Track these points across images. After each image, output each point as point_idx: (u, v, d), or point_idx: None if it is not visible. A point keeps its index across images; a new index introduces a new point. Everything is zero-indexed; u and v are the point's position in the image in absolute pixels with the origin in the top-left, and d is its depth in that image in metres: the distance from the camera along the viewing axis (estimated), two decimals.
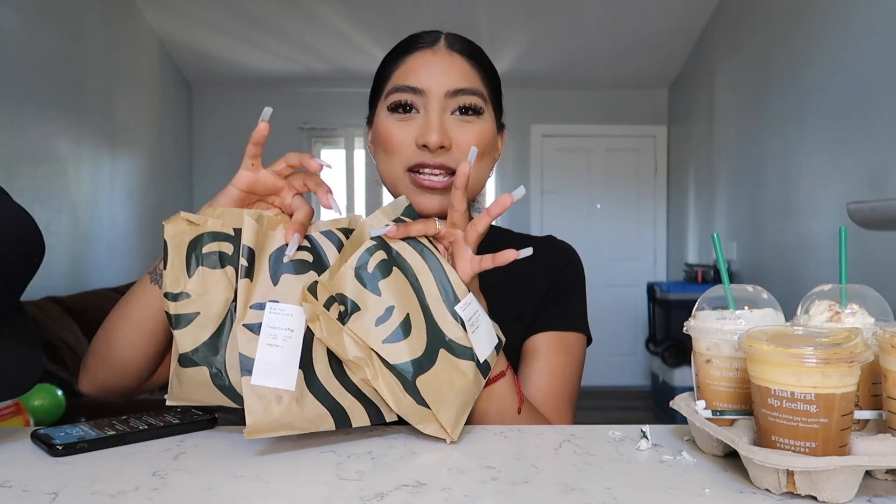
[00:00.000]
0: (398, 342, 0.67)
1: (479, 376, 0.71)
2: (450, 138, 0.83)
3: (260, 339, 0.63)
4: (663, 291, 4.06)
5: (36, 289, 2.92)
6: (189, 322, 0.66)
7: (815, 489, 0.52)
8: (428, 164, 0.82)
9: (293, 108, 5.09)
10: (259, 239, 0.68)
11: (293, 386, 0.63)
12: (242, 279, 0.65)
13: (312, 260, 0.71)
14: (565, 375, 0.89)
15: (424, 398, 0.66)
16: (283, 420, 0.62)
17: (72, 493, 0.54)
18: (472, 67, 0.86)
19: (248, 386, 0.61)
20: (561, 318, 0.91)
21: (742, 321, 0.63)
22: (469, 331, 0.71)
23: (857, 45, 2.53)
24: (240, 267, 0.66)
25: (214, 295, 0.67)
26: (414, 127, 0.84)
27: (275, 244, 0.69)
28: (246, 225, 0.67)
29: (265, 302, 0.65)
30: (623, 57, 4.64)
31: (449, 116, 0.84)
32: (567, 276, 0.95)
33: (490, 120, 0.88)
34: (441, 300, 0.72)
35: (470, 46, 0.89)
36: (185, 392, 0.66)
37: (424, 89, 0.83)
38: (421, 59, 0.85)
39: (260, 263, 0.67)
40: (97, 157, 3.68)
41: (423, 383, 0.67)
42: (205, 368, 0.65)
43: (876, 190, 2.37)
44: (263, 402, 0.61)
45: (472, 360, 0.70)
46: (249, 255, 0.66)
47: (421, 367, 0.67)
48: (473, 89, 0.85)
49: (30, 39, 3.01)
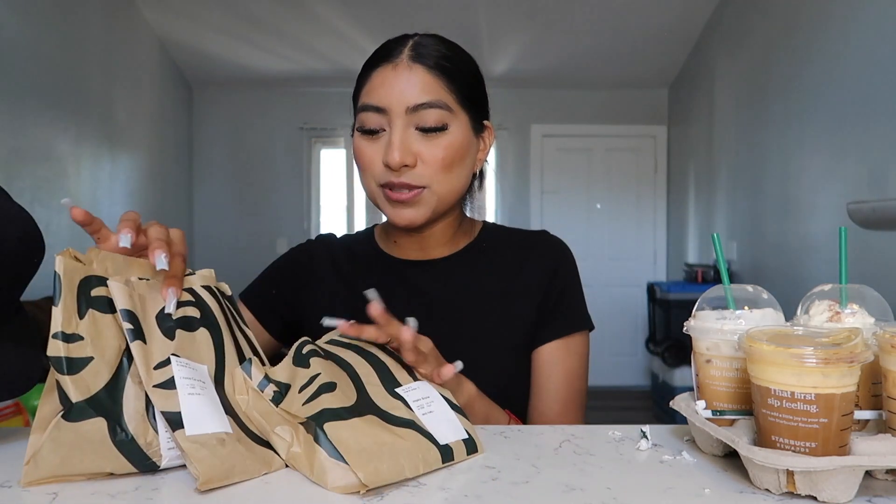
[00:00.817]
0: (318, 398, 0.62)
1: (428, 449, 0.61)
2: (413, 155, 0.84)
3: (179, 391, 0.58)
4: (663, 291, 4.06)
5: (36, 289, 2.91)
6: (83, 367, 0.58)
7: (815, 489, 0.52)
8: (394, 183, 0.85)
9: (293, 108, 5.09)
10: (135, 301, 0.61)
11: (229, 428, 0.59)
12: (134, 342, 0.59)
13: (200, 315, 0.66)
14: (577, 377, 0.93)
15: (334, 444, 0.57)
16: (234, 462, 0.57)
17: (72, 493, 0.54)
18: (436, 77, 0.85)
19: (185, 439, 0.55)
20: (566, 324, 0.93)
21: (742, 321, 0.63)
22: (419, 413, 0.65)
23: (857, 45, 2.53)
24: (126, 332, 0.59)
25: (108, 339, 0.60)
26: (381, 145, 0.86)
27: (157, 304, 0.63)
28: (114, 291, 0.60)
29: (168, 357, 0.60)
30: (623, 57, 4.64)
31: (413, 132, 0.84)
32: (564, 275, 0.95)
33: (459, 128, 0.87)
34: (380, 385, 0.67)
35: (436, 51, 0.87)
36: (61, 461, 0.56)
37: (385, 107, 0.84)
38: (382, 76, 0.86)
39: (148, 325, 0.61)
40: (97, 157, 3.68)
41: (334, 429, 0.58)
42: (102, 420, 0.57)
43: (876, 190, 2.37)
44: (207, 448, 0.56)
45: (414, 430, 0.62)
46: (131, 317, 0.60)
47: (336, 415, 0.60)
48: (434, 102, 0.84)
49: (30, 39, 3.01)
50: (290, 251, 1.05)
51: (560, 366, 0.92)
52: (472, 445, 0.64)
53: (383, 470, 0.56)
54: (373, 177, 0.87)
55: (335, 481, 0.55)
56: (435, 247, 0.96)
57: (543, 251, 0.96)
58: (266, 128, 5.09)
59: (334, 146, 5.25)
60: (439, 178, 0.86)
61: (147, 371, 0.58)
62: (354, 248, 1.02)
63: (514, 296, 0.93)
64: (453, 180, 0.87)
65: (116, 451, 0.57)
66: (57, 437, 0.56)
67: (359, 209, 5.12)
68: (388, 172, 0.85)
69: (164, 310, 0.63)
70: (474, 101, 0.89)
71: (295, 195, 5.15)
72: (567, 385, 0.91)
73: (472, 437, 0.65)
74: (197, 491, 0.54)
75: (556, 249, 0.97)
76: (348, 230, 5.09)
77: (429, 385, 0.69)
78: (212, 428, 0.58)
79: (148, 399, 0.59)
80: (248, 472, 0.58)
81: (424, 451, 0.60)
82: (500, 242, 0.98)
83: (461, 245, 0.97)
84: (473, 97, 0.89)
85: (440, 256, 0.96)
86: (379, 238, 1.01)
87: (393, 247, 0.98)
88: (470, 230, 0.99)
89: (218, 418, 0.59)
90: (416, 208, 0.86)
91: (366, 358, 0.70)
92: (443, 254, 0.96)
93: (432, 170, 0.85)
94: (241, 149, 5.12)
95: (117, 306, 0.60)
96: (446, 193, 0.87)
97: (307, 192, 5.17)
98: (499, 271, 0.95)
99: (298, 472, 0.59)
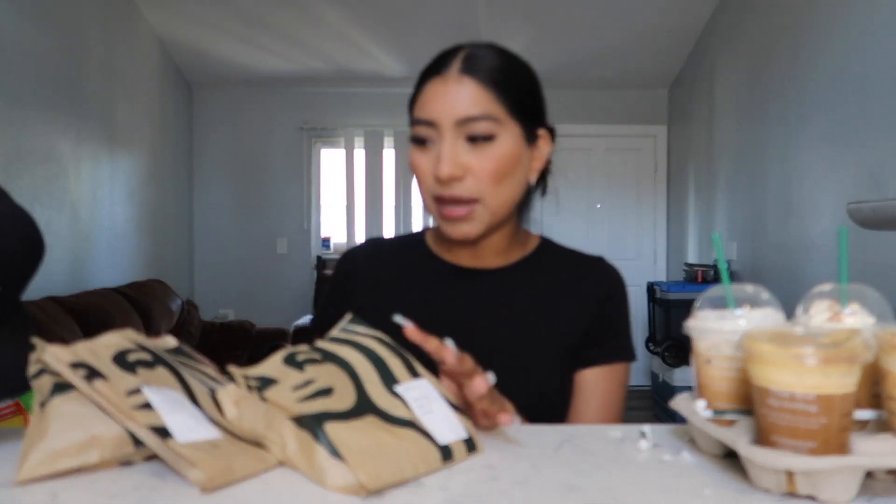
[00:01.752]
0: (315, 400, 0.61)
1: (428, 449, 0.60)
2: (462, 167, 0.84)
3: (160, 411, 0.57)
4: (663, 291, 4.06)
5: (36, 289, 2.91)
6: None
7: (815, 489, 0.52)
8: (444, 197, 0.85)
9: (293, 108, 5.09)
10: (82, 356, 0.59)
11: (219, 435, 0.58)
12: (94, 382, 0.56)
13: (153, 359, 0.63)
14: (615, 405, 0.94)
15: (334, 445, 0.56)
16: (233, 460, 0.56)
17: (72, 493, 0.54)
18: (486, 89, 0.85)
19: (178, 446, 0.54)
20: (612, 353, 0.95)
21: (742, 321, 0.63)
22: (418, 412, 0.64)
23: (858, 45, 2.53)
24: (81, 380, 0.57)
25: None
26: (432, 157, 0.86)
27: (109, 351, 0.61)
28: (54, 357, 0.58)
29: (138, 387, 0.58)
30: (623, 57, 4.64)
31: (463, 144, 0.85)
32: (617, 303, 0.96)
33: (510, 139, 0.86)
34: (380, 383, 0.66)
35: (488, 62, 0.86)
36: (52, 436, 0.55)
37: (435, 121, 0.85)
38: (433, 90, 0.86)
39: (105, 367, 0.59)
40: (97, 157, 3.68)
41: (334, 430, 0.57)
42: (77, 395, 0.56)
43: (876, 190, 2.37)
44: (202, 450, 0.55)
45: (414, 431, 0.62)
46: (82, 366, 0.57)
47: (335, 417, 0.59)
48: (483, 115, 0.84)
49: (30, 39, 3.01)
50: (338, 264, 1.05)
51: (599, 392, 0.93)
52: (472, 445, 0.64)
53: (383, 472, 0.55)
54: (427, 189, 0.88)
55: (335, 481, 0.55)
56: (489, 256, 0.95)
57: (599, 277, 0.97)
58: (266, 128, 5.09)
59: (334, 146, 5.25)
60: (490, 191, 0.85)
61: (120, 398, 0.56)
62: (405, 252, 1.01)
63: (563, 314, 0.94)
64: (504, 192, 0.87)
65: (99, 411, 0.56)
66: (40, 418, 0.56)
67: (359, 209, 5.12)
68: (438, 185, 0.85)
69: (120, 353, 0.61)
70: (526, 111, 0.89)
71: (295, 195, 5.15)
72: (604, 411, 0.92)
73: (471, 437, 0.65)
74: (205, 491, 0.54)
75: (611, 277, 0.98)
76: (348, 230, 5.11)
77: (428, 384, 0.69)
78: (202, 436, 0.57)
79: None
80: (247, 468, 0.57)
81: (424, 451, 0.60)
82: (556, 261, 0.99)
83: (515, 257, 0.97)
84: (525, 107, 0.89)
85: (494, 267, 0.96)
86: (431, 241, 1.01)
87: (446, 252, 0.98)
88: (525, 243, 0.99)
89: (205, 429, 0.58)
90: (470, 224, 0.87)
91: (365, 355, 0.70)
92: (497, 264, 0.96)
93: (483, 182, 0.85)
94: (241, 149, 5.12)
95: (65, 362, 0.57)
96: (499, 206, 0.87)
97: (307, 192, 5.17)
98: (550, 289, 0.95)
99: (297, 471, 0.59)
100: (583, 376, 0.93)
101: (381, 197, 5.11)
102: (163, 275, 4.30)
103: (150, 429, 0.55)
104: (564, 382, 0.93)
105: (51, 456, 0.54)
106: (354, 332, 0.74)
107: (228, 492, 0.55)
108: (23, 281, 0.67)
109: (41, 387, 0.58)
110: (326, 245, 5.33)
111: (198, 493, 0.54)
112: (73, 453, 0.55)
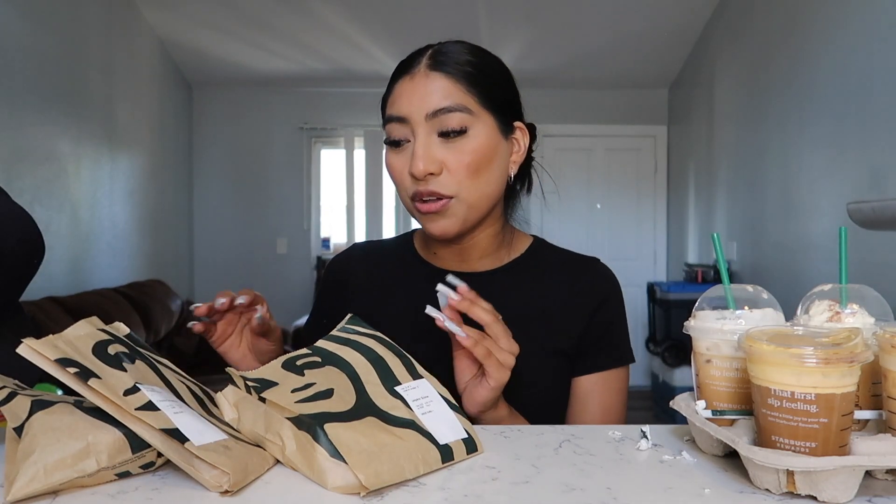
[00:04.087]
0: (314, 402, 0.61)
1: (428, 449, 0.61)
2: (437, 163, 0.83)
3: (166, 411, 0.56)
4: (663, 291, 4.06)
5: (36, 289, 2.91)
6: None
7: (815, 489, 0.52)
8: (421, 192, 0.84)
9: (293, 108, 5.09)
10: (63, 349, 0.57)
11: (225, 436, 0.58)
12: (89, 381, 0.55)
13: (130, 351, 0.63)
14: (614, 412, 0.92)
15: (334, 444, 0.56)
16: (247, 460, 0.56)
17: (72, 493, 0.54)
18: (455, 82, 0.84)
19: (197, 449, 0.54)
20: (610, 358, 0.93)
21: (742, 321, 0.63)
22: (419, 412, 0.65)
23: (857, 45, 2.53)
24: (73, 377, 0.56)
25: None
26: (406, 156, 0.85)
27: (87, 344, 0.60)
28: (37, 351, 0.56)
29: (134, 385, 0.57)
30: (623, 57, 4.64)
31: (436, 139, 0.84)
32: (612, 306, 0.94)
33: (483, 131, 0.85)
34: (380, 384, 0.67)
35: (456, 56, 0.86)
36: (40, 451, 0.52)
37: (406, 116, 0.84)
38: (401, 88, 0.86)
39: (91, 363, 0.58)
40: (97, 157, 3.68)
41: (334, 430, 0.58)
42: (65, 403, 0.56)
43: (876, 190, 2.37)
44: (218, 452, 0.55)
45: (414, 431, 0.62)
46: (70, 363, 0.56)
47: (335, 418, 0.59)
48: (454, 106, 0.83)
49: (30, 39, 3.01)
50: (326, 272, 1.05)
51: (597, 399, 0.91)
52: (472, 445, 0.64)
53: (383, 472, 0.55)
54: (404, 190, 0.87)
55: (335, 481, 0.55)
56: (476, 258, 0.94)
57: (593, 279, 0.95)
58: (266, 128, 5.09)
59: (334, 146, 5.25)
60: (467, 185, 0.84)
61: (119, 398, 0.55)
62: (392, 255, 1.01)
63: (556, 317, 0.92)
64: (481, 186, 0.86)
65: (90, 418, 0.55)
66: (25, 438, 0.53)
67: (359, 209, 5.12)
68: (415, 183, 0.84)
69: (101, 345, 0.60)
70: (500, 103, 0.88)
71: (295, 195, 5.15)
72: (603, 417, 0.91)
73: (471, 437, 0.65)
74: (225, 495, 0.53)
75: (606, 280, 0.96)
76: (348, 230, 5.11)
77: (428, 384, 0.69)
78: (212, 438, 0.57)
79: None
80: (258, 468, 0.58)
81: (424, 451, 0.60)
82: (549, 262, 0.97)
83: (506, 259, 0.96)
84: (499, 98, 0.88)
85: (484, 270, 0.94)
86: (418, 245, 1.00)
87: (433, 256, 0.97)
88: (516, 244, 0.98)
89: (212, 430, 0.58)
90: (447, 218, 0.86)
91: (365, 355, 0.70)
92: (486, 267, 0.95)
93: (458, 177, 0.84)
94: (241, 149, 5.12)
95: (50, 360, 0.55)
96: (476, 199, 0.86)
97: (307, 192, 5.17)
98: (544, 292, 0.94)
99: (297, 472, 0.59)
100: (580, 383, 0.92)
101: (381, 197, 5.11)
102: (163, 275, 4.30)
103: (162, 431, 0.54)
104: (558, 385, 0.92)
105: (44, 470, 0.52)
106: (354, 332, 0.74)
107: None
108: (23, 281, 0.67)
109: (17, 409, 0.56)
110: (326, 245, 5.33)
111: (198, 492, 0.54)
112: (70, 464, 0.53)
